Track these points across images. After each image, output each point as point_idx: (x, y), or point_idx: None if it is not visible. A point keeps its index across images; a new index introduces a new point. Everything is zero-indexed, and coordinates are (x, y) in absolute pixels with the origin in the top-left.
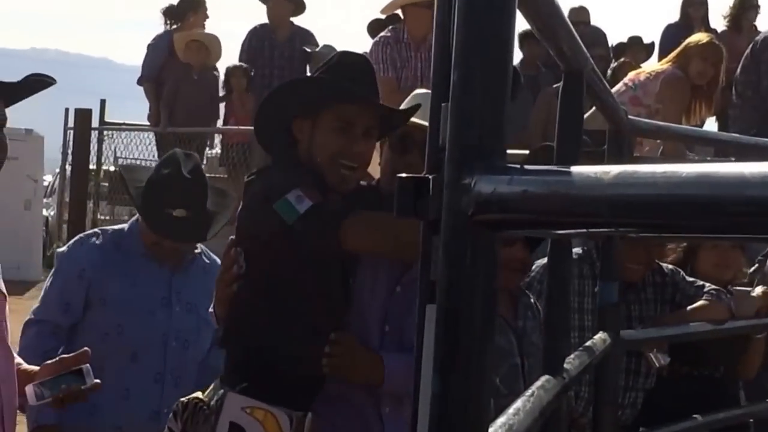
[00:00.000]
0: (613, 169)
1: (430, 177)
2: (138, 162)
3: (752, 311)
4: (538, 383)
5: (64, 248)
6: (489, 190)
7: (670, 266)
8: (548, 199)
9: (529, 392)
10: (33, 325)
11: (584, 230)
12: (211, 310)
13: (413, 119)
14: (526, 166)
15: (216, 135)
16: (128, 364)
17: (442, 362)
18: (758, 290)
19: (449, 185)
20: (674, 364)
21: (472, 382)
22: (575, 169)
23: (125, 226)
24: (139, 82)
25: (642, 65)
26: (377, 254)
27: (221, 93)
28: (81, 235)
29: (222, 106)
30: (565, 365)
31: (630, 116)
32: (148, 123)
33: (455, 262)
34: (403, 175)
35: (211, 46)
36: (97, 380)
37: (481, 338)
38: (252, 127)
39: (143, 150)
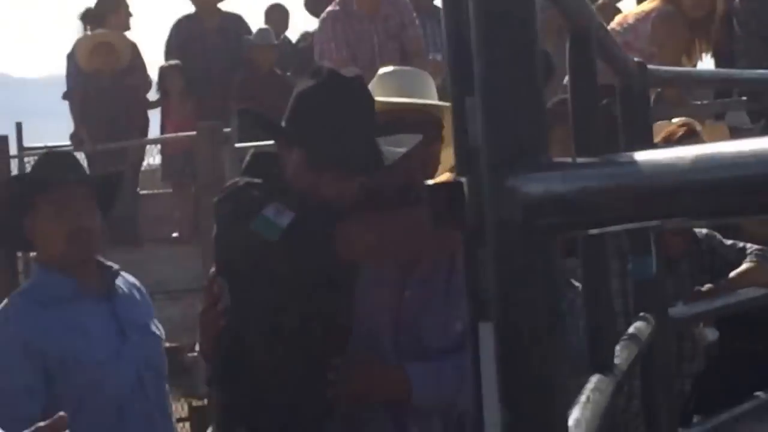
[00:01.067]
0: (689, 152)
1: (464, 180)
2: None
3: None
4: (591, 385)
5: None
6: (539, 190)
7: (704, 231)
8: (615, 193)
9: (584, 397)
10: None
11: (658, 222)
12: (197, 349)
13: (400, 99)
14: (578, 159)
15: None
16: (116, 422)
17: (508, 392)
18: None
19: (490, 190)
20: (724, 340)
21: (549, 411)
22: (640, 156)
23: (30, 282)
24: (65, 97)
25: (619, 5)
26: (382, 256)
27: (154, 97)
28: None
29: (153, 111)
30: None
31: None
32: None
33: (509, 275)
34: (432, 182)
35: (120, 47)
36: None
37: (551, 358)
38: (194, 133)
39: None
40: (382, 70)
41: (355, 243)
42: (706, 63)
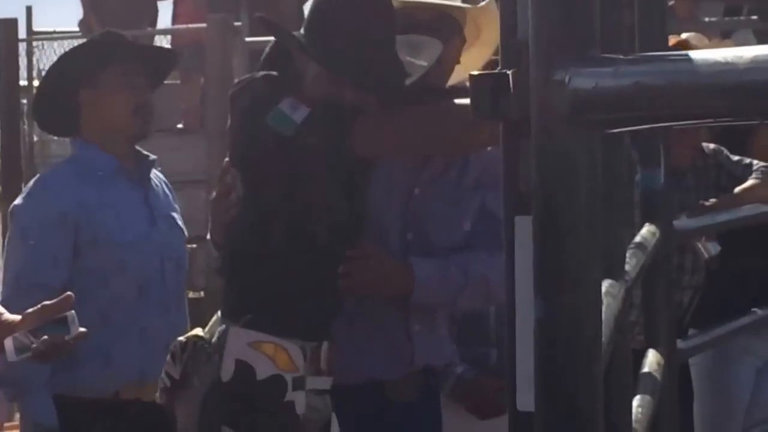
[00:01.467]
0: (747, 52)
1: (509, 72)
2: None
3: None
4: (603, 289)
5: (20, 199)
6: (590, 85)
7: (711, 145)
8: (668, 91)
9: None
10: (21, 296)
11: (711, 121)
12: (208, 237)
13: None
14: (630, 56)
15: (161, 36)
16: (135, 302)
17: (544, 283)
18: None
19: (538, 82)
20: (725, 255)
21: (583, 304)
22: (696, 54)
23: (72, 155)
24: None
25: None
26: (396, 155)
27: None
28: (35, 180)
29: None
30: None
31: None
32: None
33: (553, 169)
34: (476, 72)
35: None
36: (83, 329)
37: (589, 253)
38: (204, 25)
39: None
40: None
41: (370, 139)
42: None
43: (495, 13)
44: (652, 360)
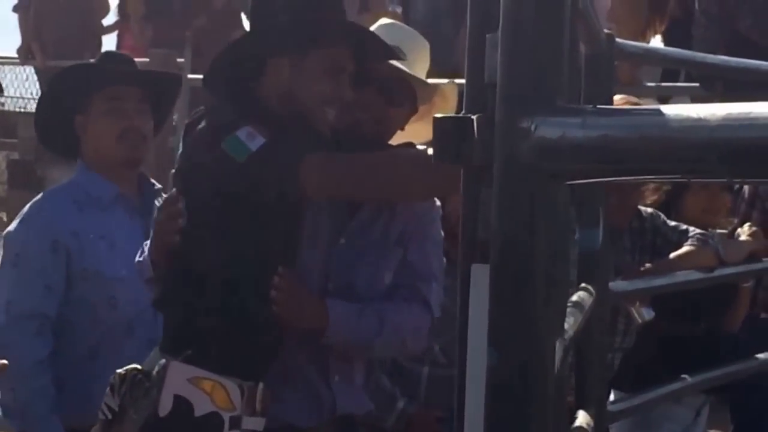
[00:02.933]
0: (720, 110)
1: (474, 117)
2: (18, 100)
3: (742, 256)
4: None
5: (12, 226)
6: (556, 134)
7: (649, 210)
8: (638, 144)
9: None
10: (13, 325)
11: (679, 177)
12: (139, 258)
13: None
14: (599, 107)
15: None
16: (124, 338)
17: (497, 332)
18: (745, 233)
19: (503, 128)
20: (653, 319)
21: (537, 355)
22: (668, 109)
23: (71, 179)
24: (15, 9)
25: None
26: (339, 196)
27: (113, 19)
28: (31, 204)
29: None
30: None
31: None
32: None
33: (513, 217)
34: (440, 115)
35: None
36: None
37: (546, 305)
38: (147, 59)
39: (20, 87)
40: (380, 22)
41: (317, 179)
42: (656, 43)
43: (452, 98)
44: (581, 420)
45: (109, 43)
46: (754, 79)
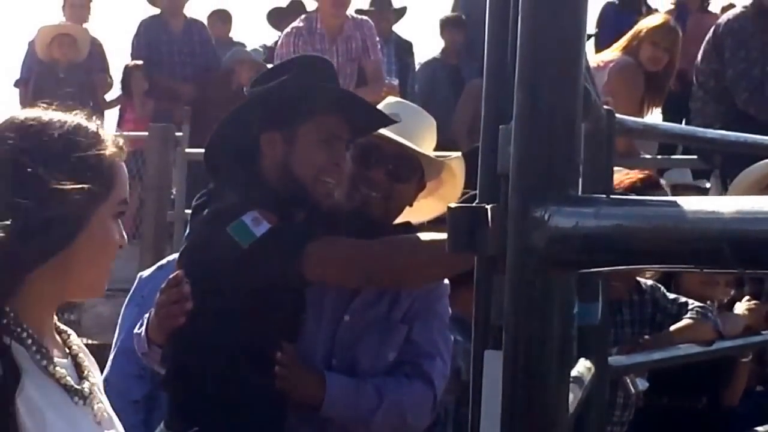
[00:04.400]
0: (733, 202)
1: (488, 207)
2: None
3: (739, 329)
4: None
5: (148, 271)
6: (569, 224)
7: (649, 282)
8: (651, 235)
9: None
10: (118, 359)
11: (692, 267)
12: (137, 330)
13: (384, 131)
14: (613, 197)
15: None
16: None
17: (510, 419)
18: (742, 307)
19: (516, 218)
20: (652, 394)
21: None
22: (682, 200)
23: None
24: (16, 84)
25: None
26: (343, 284)
27: (117, 94)
28: (170, 257)
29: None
30: None
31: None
32: None
33: (526, 305)
34: (454, 204)
35: (81, 41)
36: None
37: (560, 395)
38: (146, 133)
39: None
40: (388, 100)
41: (319, 268)
42: (654, 117)
43: (459, 173)
44: None
45: (109, 116)
46: (752, 153)
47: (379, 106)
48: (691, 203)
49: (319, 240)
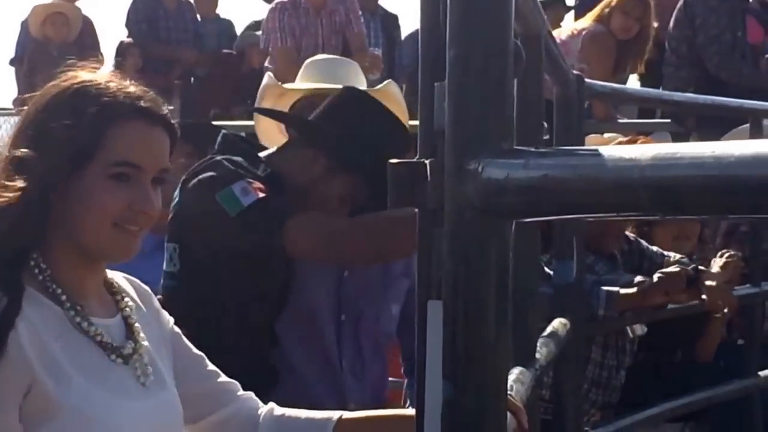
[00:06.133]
0: (649, 150)
1: (427, 162)
2: None
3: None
4: (513, 376)
5: None
6: (501, 176)
7: (632, 234)
8: (575, 184)
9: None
10: None
11: (615, 215)
12: None
13: (313, 85)
14: (540, 149)
15: None
16: None
17: (452, 367)
18: (719, 263)
19: (452, 172)
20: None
21: (488, 389)
22: (604, 149)
23: None
24: (11, 62)
25: (562, 24)
26: (320, 260)
27: (108, 69)
28: None
29: None
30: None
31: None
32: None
33: (463, 255)
34: (395, 161)
35: (73, 19)
36: None
37: (498, 340)
38: None
39: None
40: (311, 59)
41: (300, 242)
42: (632, 83)
43: (399, 96)
44: None
45: None
46: (723, 115)
47: (306, 64)
48: (613, 152)
49: (300, 216)
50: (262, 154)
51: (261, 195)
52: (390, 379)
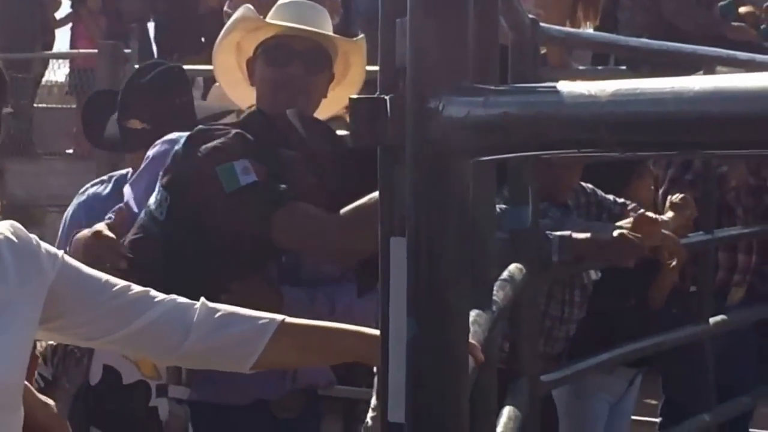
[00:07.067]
0: (609, 86)
1: (387, 98)
2: None
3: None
4: (471, 318)
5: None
6: (461, 113)
7: (589, 185)
8: (535, 120)
9: None
10: None
11: (575, 151)
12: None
13: (291, 24)
14: (500, 87)
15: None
16: None
17: (415, 304)
18: (669, 211)
19: (413, 109)
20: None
21: (452, 324)
22: (562, 86)
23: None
24: None
25: None
26: (308, 253)
27: (67, 11)
28: (88, 184)
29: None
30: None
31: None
32: None
33: (424, 192)
34: (356, 96)
35: None
36: None
37: (459, 275)
38: (96, 51)
39: None
40: (282, 1)
41: (289, 233)
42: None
43: (364, 54)
44: (517, 389)
45: (66, 33)
46: (677, 62)
47: (278, 6)
48: (573, 89)
49: (293, 206)
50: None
51: (260, 178)
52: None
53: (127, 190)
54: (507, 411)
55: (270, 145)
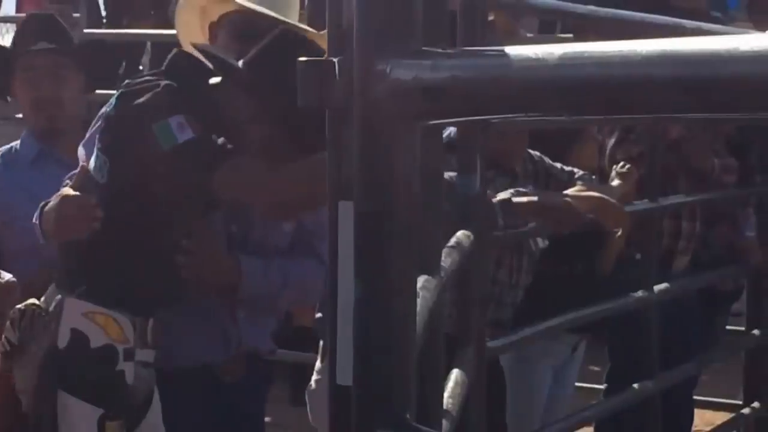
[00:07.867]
0: (557, 50)
1: (335, 60)
2: None
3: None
4: (419, 284)
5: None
6: (409, 76)
7: (536, 153)
8: (483, 84)
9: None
10: None
11: (523, 115)
12: (35, 221)
13: (254, 6)
14: (449, 50)
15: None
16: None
17: (362, 266)
18: (615, 179)
19: (360, 72)
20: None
21: (399, 286)
22: (511, 50)
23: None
24: None
25: None
26: (250, 204)
27: None
28: None
29: None
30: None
31: None
32: None
33: (372, 156)
34: (304, 59)
35: None
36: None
37: (405, 239)
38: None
39: None
40: None
41: (231, 185)
42: None
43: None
44: (463, 356)
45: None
46: (623, 30)
47: None
48: (521, 52)
49: (233, 160)
50: (211, 81)
51: (196, 134)
52: None
53: (80, 151)
54: (454, 376)
55: (199, 84)
